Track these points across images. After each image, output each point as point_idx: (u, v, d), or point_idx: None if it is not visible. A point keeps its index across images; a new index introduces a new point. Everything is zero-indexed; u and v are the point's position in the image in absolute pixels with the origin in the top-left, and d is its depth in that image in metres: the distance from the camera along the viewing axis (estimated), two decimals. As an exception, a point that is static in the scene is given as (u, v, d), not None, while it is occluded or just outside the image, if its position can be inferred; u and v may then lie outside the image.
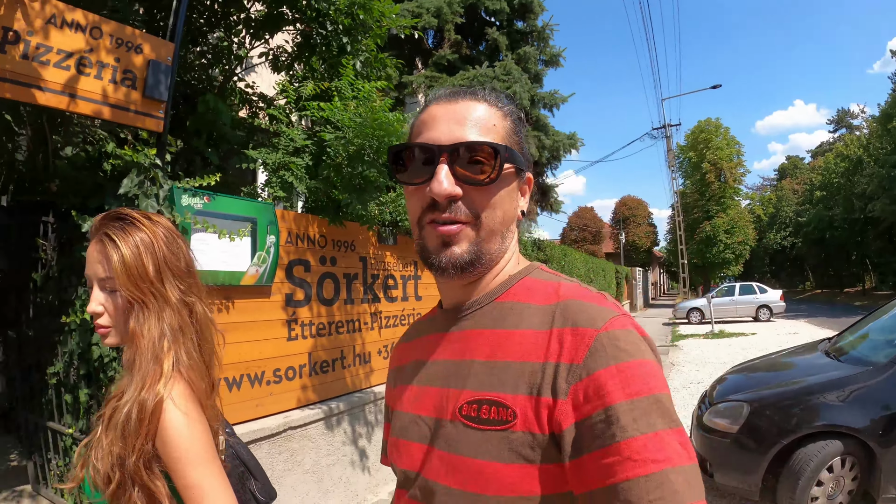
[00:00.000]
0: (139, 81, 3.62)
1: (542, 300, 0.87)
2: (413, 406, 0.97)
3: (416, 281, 6.40)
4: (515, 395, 0.80)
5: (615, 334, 0.76)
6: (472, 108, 0.90)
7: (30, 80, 3.21)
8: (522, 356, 0.82)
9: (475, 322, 0.92)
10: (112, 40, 3.49)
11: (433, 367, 0.96)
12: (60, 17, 3.30)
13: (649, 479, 0.67)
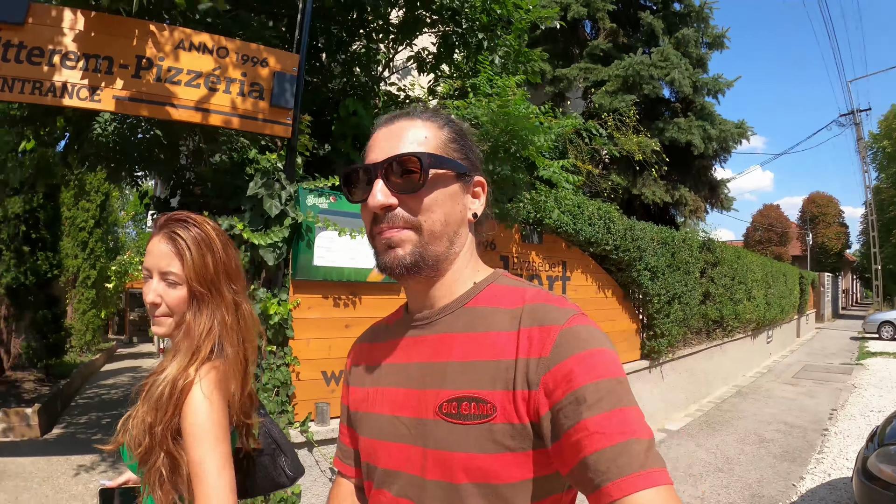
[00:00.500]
0: (266, 92, 3.78)
1: (509, 304, 0.92)
2: (389, 408, 0.99)
3: (564, 282, 5.98)
4: (493, 390, 0.85)
5: (576, 329, 0.83)
6: (405, 126, 0.96)
7: (164, 99, 3.49)
8: (496, 355, 0.87)
9: (447, 326, 0.96)
10: (238, 57, 3.70)
11: (406, 370, 0.99)
12: (188, 42, 3.58)
13: (615, 447, 0.73)
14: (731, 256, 10.07)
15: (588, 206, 6.05)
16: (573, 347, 0.81)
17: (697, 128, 12.24)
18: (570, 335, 0.82)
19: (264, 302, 3.64)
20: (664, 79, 11.89)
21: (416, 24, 5.38)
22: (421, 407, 0.93)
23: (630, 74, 11.66)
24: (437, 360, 0.94)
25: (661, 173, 10.94)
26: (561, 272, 5.95)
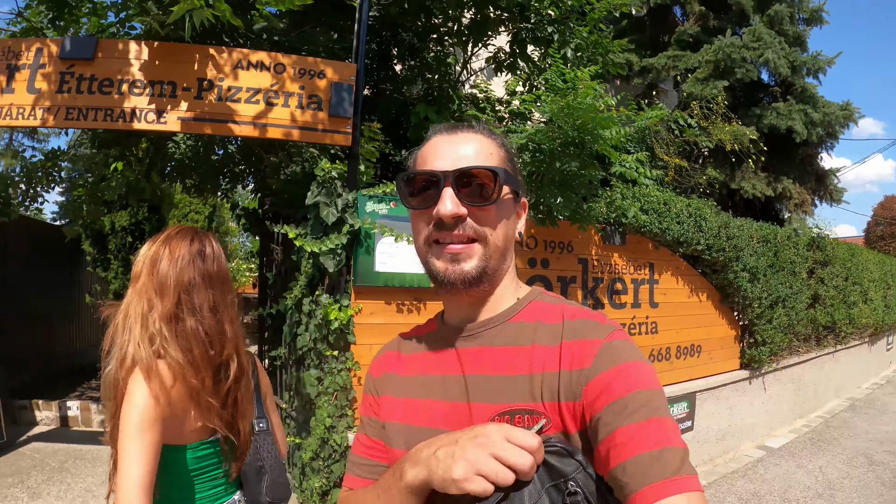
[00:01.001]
0: (325, 103, 3.80)
1: (550, 320, 0.93)
2: (430, 420, 0.96)
3: (651, 285, 5.46)
4: (543, 401, 0.86)
5: (616, 343, 0.86)
6: (470, 138, 0.97)
7: (225, 117, 3.62)
8: (541, 367, 0.88)
9: (490, 340, 0.96)
10: (295, 71, 3.75)
11: (448, 382, 0.97)
12: (246, 60, 3.69)
13: (650, 454, 0.74)
14: (843, 254, 8.88)
15: (676, 203, 5.50)
16: (613, 360, 0.83)
17: (798, 112, 10.85)
18: (610, 349, 0.85)
19: (325, 307, 3.63)
20: (757, 60, 10.67)
21: (485, 24, 5.17)
22: (467, 421, 0.91)
23: (721, 59, 10.53)
24: (481, 372, 0.94)
25: (760, 165, 9.87)
26: (648, 275, 5.46)
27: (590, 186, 4.70)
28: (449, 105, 5.26)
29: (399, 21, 5.15)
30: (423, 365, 1.03)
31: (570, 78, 4.52)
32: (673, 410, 5.40)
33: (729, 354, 6.36)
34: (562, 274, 4.82)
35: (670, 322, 5.56)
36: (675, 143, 6.10)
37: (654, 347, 5.42)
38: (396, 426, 1.02)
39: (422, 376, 1.02)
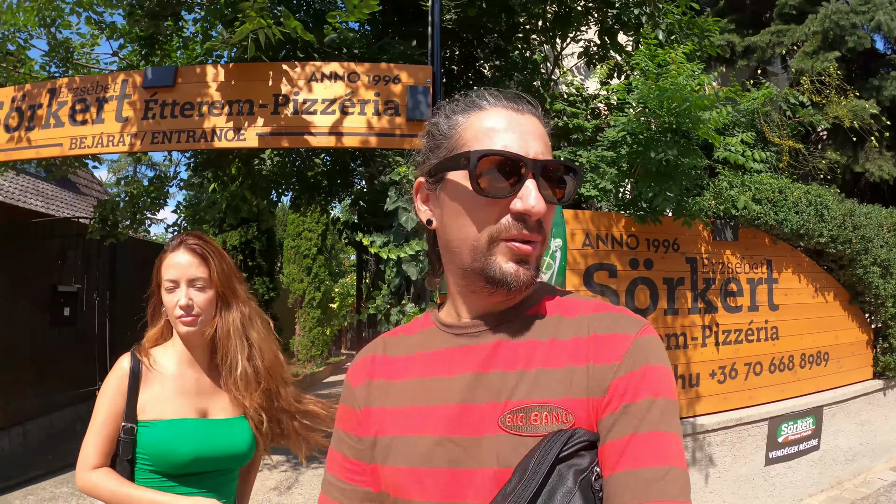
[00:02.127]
0: (401, 107, 3.59)
1: (571, 313, 0.82)
2: (435, 428, 0.79)
3: (769, 285, 4.66)
4: (569, 398, 0.74)
5: (648, 340, 0.77)
6: (536, 123, 0.82)
7: (302, 129, 3.50)
8: (566, 362, 0.77)
9: (505, 335, 0.82)
10: (369, 78, 3.59)
11: (456, 383, 0.81)
12: (319, 73, 3.56)
13: (657, 471, 0.68)
14: None
15: (793, 190, 4.66)
16: (642, 359, 0.74)
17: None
18: (641, 346, 0.75)
19: (410, 317, 3.39)
20: (868, 25, 9.16)
21: (569, 17, 4.75)
22: (480, 424, 0.77)
23: (828, 27, 9.05)
24: (495, 369, 0.79)
25: (884, 143, 8.39)
26: (765, 273, 4.65)
27: (692, 176, 4.06)
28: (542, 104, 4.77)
29: (480, 23, 4.82)
30: (423, 367, 0.86)
31: (662, 59, 3.88)
32: (797, 427, 4.57)
33: (860, 362, 5.35)
34: (668, 275, 4.19)
35: (793, 326, 4.73)
36: (788, 125, 5.19)
37: (775, 356, 4.60)
38: (394, 441, 0.83)
39: (423, 380, 0.85)
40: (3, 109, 3.92)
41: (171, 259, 1.51)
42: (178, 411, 1.47)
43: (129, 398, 1.46)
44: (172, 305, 1.48)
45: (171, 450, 1.43)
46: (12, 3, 4.39)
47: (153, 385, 1.48)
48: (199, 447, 1.45)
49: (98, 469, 1.43)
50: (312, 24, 4.14)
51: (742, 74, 9.85)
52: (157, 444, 1.43)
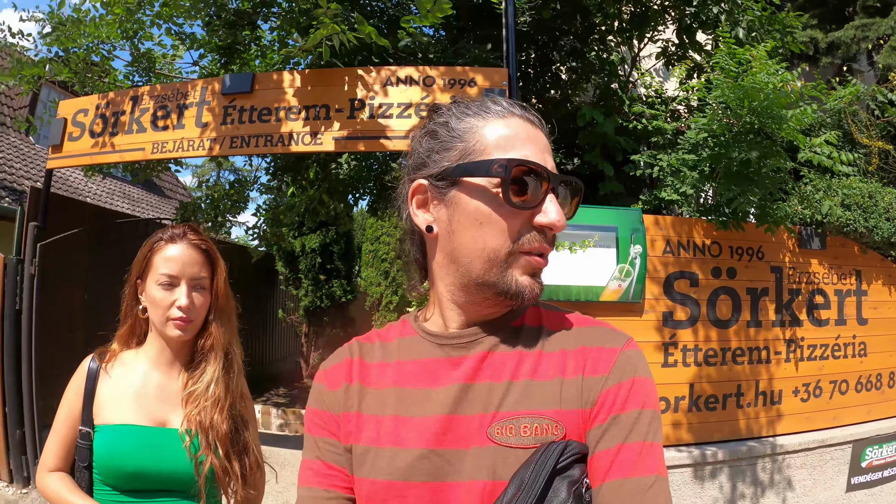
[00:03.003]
0: None
1: (554, 326, 0.79)
2: (418, 440, 0.73)
3: (858, 298, 4.21)
4: (560, 409, 0.71)
5: (634, 353, 0.75)
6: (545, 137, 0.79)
7: (378, 133, 3.38)
8: (554, 374, 0.73)
9: (491, 345, 0.77)
10: (444, 82, 3.44)
11: (440, 395, 0.75)
12: (394, 77, 3.43)
13: (641, 480, 0.67)
14: None
15: (884, 196, 4.19)
16: (631, 371, 0.72)
17: None
18: (627, 358, 0.74)
19: None
20: None
21: (646, 16, 4.47)
22: (467, 436, 0.72)
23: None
24: (483, 381, 0.74)
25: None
26: (854, 285, 4.20)
27: (776, 179, 3.70)
28: (620, 107, 4.55)
29: (556, 25, 4.59)
30: (403, 376, 0.78)
31: (742, 57, 3.53)
32: (882, 452, 4.09)
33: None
34: (751, 285, 3.83)
35: (882, 342, 4.25)
36: (877, 124, 4.66)
37: (863, 374, 4.14)
38: (369, 451, 0.75)
39: (404, 389, 0.77)
40: (88, 116, 3.94)
41: (172, 252, 1.30)
42: (127, 416, 1.25)
43: (86, 400, 1.29)
44: (167, 304, 1.26)
45: (112, 458, 1.22)
46: (95, 17, 4.40)
47: (111, 387, 1.29)
48: (141, 459, 1.22)
49: (54, 472, 1.28)
50: (387, 29, 3.97)
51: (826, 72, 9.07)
52: (99, 450, 1.24)
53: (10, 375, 3.96)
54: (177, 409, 1.28)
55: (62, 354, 4.54)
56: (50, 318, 4.22)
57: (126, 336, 1.37)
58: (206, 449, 1.23)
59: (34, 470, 4.03)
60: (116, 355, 1.35)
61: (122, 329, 1.38)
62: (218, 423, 1.25)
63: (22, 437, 3.99)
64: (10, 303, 3.97)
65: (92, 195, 8.55)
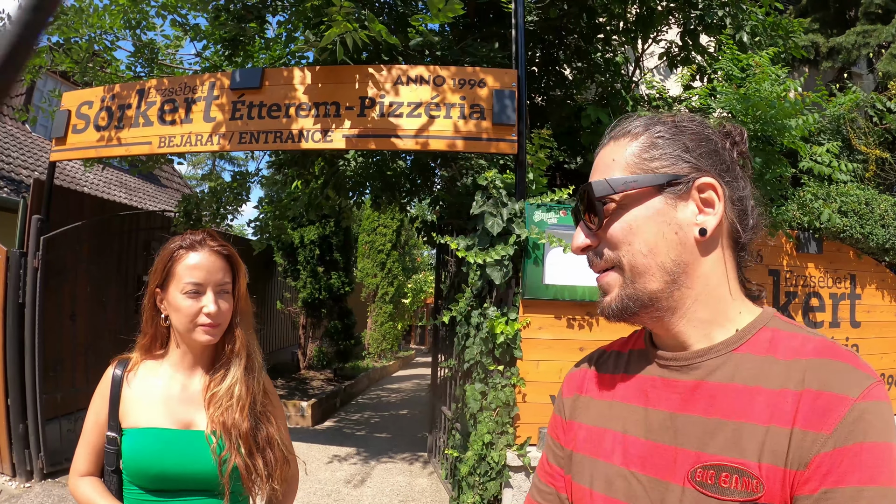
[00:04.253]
0: (487, 111, 3.32)
1: (785, 355, 0.63)
2: (623, 459, 0.71)
3: (852, 301, 4.21)
4: (761, 462, 0.59)
5: (871, 407, 0.57)
6: (601, 154, 0.75)
7: (388, 132, 3.28)
8: (768, 419, 0.60)
9: (707, 373, 0.67)
10: (455, 82, 3.34)
11: (650, 417, 0.70)
12: (405, 76, 3.34)
13: None
14: None
15: (879, 203, 4.17)
16: (861, 432, 0.55)
17: None
18: (861, 413, 0.56)
19: (492, 321, 3.18)
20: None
21: (651, 18, 4.40)
22: (668, 468, 0.66)
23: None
24: (692, 412, 0.66)
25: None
26: (848, 289, 4.19)
27: (777, 185, 3.67)
28: (623, 107, 4.49)
29: (561, 24, 4.51)
30: (622, 390, 0.75)
31: (746, 64, 3.52)
32: (873, 452, 4.04)
33: (948, 386, 4.76)
34: (750, 288, 3.75)
35: (874, 345, 4.25)
36: (875, 132, 4.66)
37: (856, 373, 4.11)
38: (581, 458, 0.77)
39: (620, 404, 0.75)
40: (93, 109, 3.82)
41: (194, 260, 1.26)
42: (153, 420, 1.24)
43: (112, 406, 1.27)
44: (194, 312, 1.23)
45: (139, 460, 1.22)
46: (98, 7, 4.26)
47: (135, 392, 1.28)
48: (166, 460, 1.21)
49: (85, 477, 1.28)
50: (394, 26, 3.88)
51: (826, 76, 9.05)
52: (126, 453, 1.24)
53: (14, 369, 3.85)
54: (200, 410, 1.26)
55: (65, 347, 4.45)
56: (53, 311, 4.12)
57: (148, 346, 1.32)
58: (229, 448, 1.21)
59: (38, 463, 3.96)
60: (139, 363, 1.31)
61: (144, 340, 1.33)
62: (239, 421, 1.23)
63: (25, 430, 3.90)
64: (12, 296, 3.85)
65: (90, 185, 8.36)
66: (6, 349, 3.87)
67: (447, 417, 4.14)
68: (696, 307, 0.68)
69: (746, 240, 0.72)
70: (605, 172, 0.71)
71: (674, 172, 0.68)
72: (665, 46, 4.76)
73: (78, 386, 4.43)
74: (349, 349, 9.33)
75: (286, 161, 4.65)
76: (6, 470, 3.96)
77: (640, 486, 0.68)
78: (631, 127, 0.73)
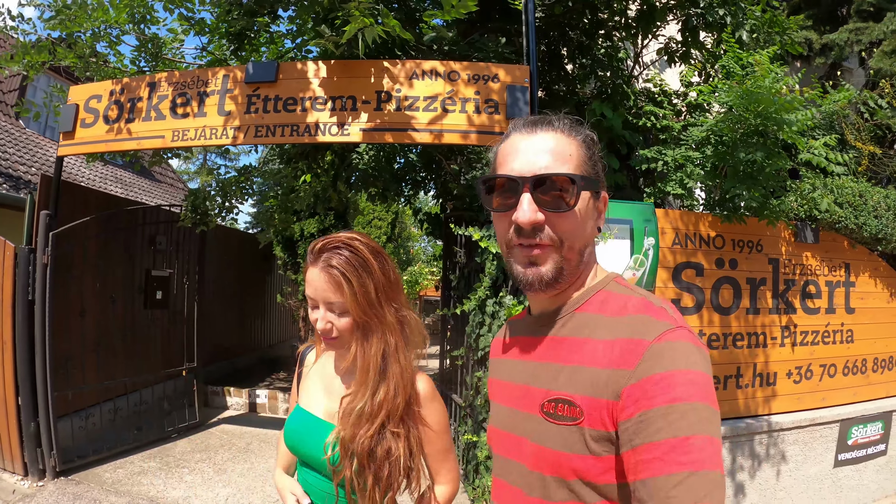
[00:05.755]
0: (501, 105, 3.32)
1: (612, 312, 0.83)
2: (507, 399, 0.95)
3: (847, 289, 4.28)
4: (583, 395, 0.78)
5: (665, 346, 0.73)
6: (549, 139, 0.85)
7: (404, 125, 3.28)
8: (591, 362, 0.79)
9: (557, 330, 0.88)
10: (468, 77, 3.35)
11: (523, 367, 0.93)
12: (419, 70, 3.34)
13: (670, 478, 0.65)
14: None
15: (872, 195, 4.26)
16: (656, 365, 0.71)
17: None
18: (656, 351, 0.72)
19: (509, 308, 3.21)
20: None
21: (653, 14, 4.37)
22: (530, 403, 0.86)
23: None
24: (545, 360, 0.88)
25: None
26: (843, 276, 4.28)
27: (777, 178, 3.78)
28: (624, 101, 4.50)
29: (565, 20, 4.50)
30: (515, 350, 0.97)
31: (747, 62, 3.63)
32: (866, 431, 4.21)
33: (935, 366, 4.89)
34: (751, 276, 3.88)
35: (867, 330, 4.35)
36: (866, 127, 4.74)
37: (849, 359, 4.24)
38: (493, 405, 1.01)
39: (508, 360, 0.98)
40: (102, 102, 3.72)
41: (309, 274, 1.26)
42: (305, 401, 1.39)
43: (298, 385, 1.46)
44: (313, 321, 1.28)
45: (286, 430, 1.39)
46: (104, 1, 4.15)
47: (310, 375, 1.44)
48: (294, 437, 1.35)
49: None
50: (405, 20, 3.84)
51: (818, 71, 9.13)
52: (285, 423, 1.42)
53: (24, 367, 3.76)
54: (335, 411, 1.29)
55: (75, 344, 4.36)
56: (62, 308, 4.04)
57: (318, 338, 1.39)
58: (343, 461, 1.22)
59: (50, 462, 3.87)
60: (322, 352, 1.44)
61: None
62: (358, 438, 1.21)
63: (37, 428, 3.81)
64: (21, 293, 3.76)
65: (85, 180, 8.18)
66: (16, 347, 3.77)
67: (458, 405, 4.14)
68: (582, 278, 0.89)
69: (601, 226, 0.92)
70: (565, 163, 0.83)
71: (601, 180, 0.88)
72: (664, 42, 4.77)
73: (88, 382, 4.36)
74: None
75: (295, 154, 4.59)
76: (17, 469, 3.87)
77: (513, 418, 0.90)
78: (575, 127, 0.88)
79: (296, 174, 4.69)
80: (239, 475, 4.31)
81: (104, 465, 4.26)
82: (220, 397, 6.46)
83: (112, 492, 3.81)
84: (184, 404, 5.41)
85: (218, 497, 3.87)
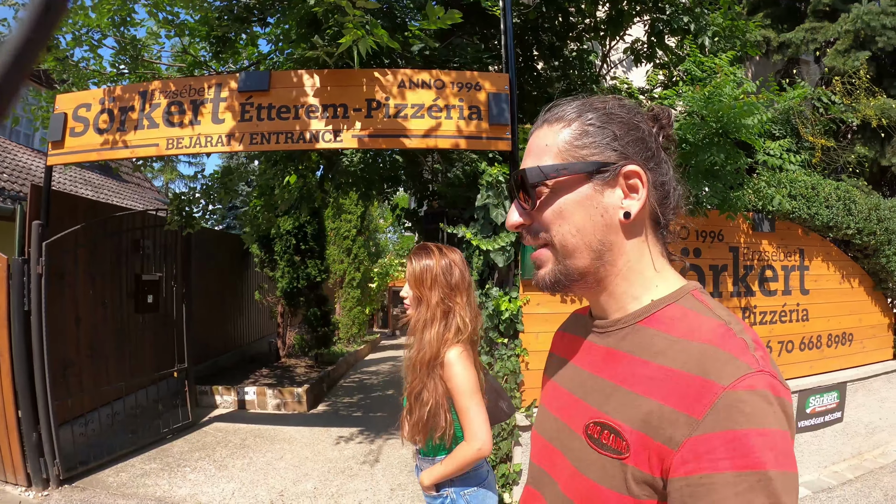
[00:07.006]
0: (484, 113, 3.55)
1: (681, 333, 0.68)
2: (556, 407, 0.84)
3: (801, 272, 4.68)
4: (633, 429, 0.66)
5: (741, 396, 0.58)
6: (539, 134, 0.78)
7: (397, 132, 3.44)
8: (649, 392, 0.66)
9: (616, 342, 0.75)
10: (455, 86, 3.55)
11: (575, 374, 0.82)
12: (409, 80, 3.50)
13: None
14: None
15: (824, 187, 4.65)
16: (727, 420, 0.58)
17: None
18: (730, 402, 0.58)
19: (496, 300, 3.51)
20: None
21: (621, 18, 4.63)
22: (576, 418, 0.76)
23: (860, 28, 8.68)
24: (598, 374, 0.76)
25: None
26: (798, 261, 4.67)
27: (736, 175, 4.08)
28: None
29: (538, 23, 4.72)
30: (570, 349, 0.87)
31: (709, 66, 3.92)
32: (823, 400, 4.62)
33: (881, 343, 5.37)
34: (713, 263, 4.24)
35: (821, 309, 4.76)
36: (821, 121, 5.12)
37: (805, 335, 4.65)
38: (541, 407, 0.91)
39: (565, 360, 0.87)
40: (91, 111, 3.77)
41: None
42: None
43: None
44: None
45: None
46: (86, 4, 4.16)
47: None
48: None
49: None
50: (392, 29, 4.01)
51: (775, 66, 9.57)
52: None
53: (22, 378, 3.79)
54: None
55: (72, 351, 4.41)
56: (58, 316, 4.09)
57: None
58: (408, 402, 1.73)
59: (53, 470, 3.92)
60: None
61: None
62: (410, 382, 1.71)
63: (39, 438, 3.85)
64: (16, 304, 3.79)
65: (56, 184, 8.04)
66: (13, 358, 3.80)
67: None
68: (618, 281, 0.75)
69: (667, 220, 0.78)
70: (539, 157, 0.75)
71: (602, 160, 0.72)
72: (630, 43, 5.03)
73: (86, 389, 4.41)
74: (328, 335, 9.38)
75: (284, 156, 4.70)
76: (20, 480, 3.90)
77: (557, 429, 0.80)
78: (564, 112, 0.77)
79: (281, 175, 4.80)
80: (240, 470, 4.46)
81: (106, 469, 4.33)
82: (208, 396, 6.55)
83: (119, 495, 3.89)
84: (176, 405, 5.50)
85: (224, 492, 4.02)
